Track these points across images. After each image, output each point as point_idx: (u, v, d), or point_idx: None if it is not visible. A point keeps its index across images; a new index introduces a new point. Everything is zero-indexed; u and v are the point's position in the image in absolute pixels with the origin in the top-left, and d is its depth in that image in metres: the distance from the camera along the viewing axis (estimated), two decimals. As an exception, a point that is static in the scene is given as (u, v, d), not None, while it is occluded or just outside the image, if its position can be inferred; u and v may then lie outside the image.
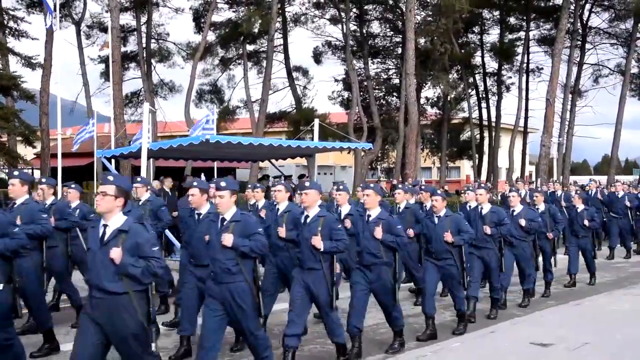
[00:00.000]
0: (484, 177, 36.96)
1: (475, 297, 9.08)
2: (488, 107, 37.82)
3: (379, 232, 7.09)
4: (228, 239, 5.65)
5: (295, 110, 32.88)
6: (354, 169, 32.72)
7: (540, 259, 10.90)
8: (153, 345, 5.19)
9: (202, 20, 30.98)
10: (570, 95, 34.66)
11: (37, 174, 31.37)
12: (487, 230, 9.06)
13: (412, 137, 27.02)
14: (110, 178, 5.08)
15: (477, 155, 37.20)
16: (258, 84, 31.76)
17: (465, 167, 47.81)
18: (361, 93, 33.37)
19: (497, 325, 8.59)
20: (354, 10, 33.39)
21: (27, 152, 28.33)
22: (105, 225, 4.96)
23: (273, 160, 18.00)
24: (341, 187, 8.73)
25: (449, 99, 34.92)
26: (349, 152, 30.15)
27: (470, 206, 9.67)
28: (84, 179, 31.24)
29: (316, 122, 16.44)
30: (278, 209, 8.00)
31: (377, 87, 36.01)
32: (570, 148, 35.68)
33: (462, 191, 17.12)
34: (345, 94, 35.39)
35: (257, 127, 29.21)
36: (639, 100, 37.06)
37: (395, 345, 7.43)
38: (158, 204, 9.21)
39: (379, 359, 7.18)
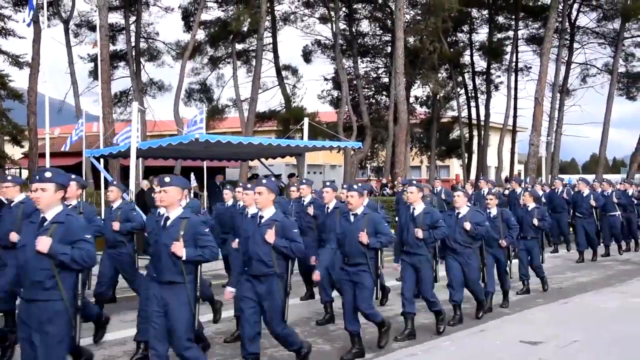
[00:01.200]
0: (473, 176, 37.07)
1: (412, 313, 8.01)
2: (477, 106, 37.94)
3: (270, 235, 6.20)
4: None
5: (284, 109, 32.84)
6: (344, 168, 32.71)
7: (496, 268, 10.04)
8: None
9: (192, 19, 30.88)
10: (558, 94, 34.79)
11: (24, 174, 31.19)
12: (419, 233, 8.04)
13: (402, 136, 27.06)
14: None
15: (466, 154, 37.30)
16: (247, 83, 31.73)
17: (455, 165, 47.93)
18: (350, 92, 33.37)
19: (487, 323, 8.62)
20: (344, 9, 33.37)
21: (14, 151, 28.15)
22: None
23: (263, 159, 18.00)
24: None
25: (438, 98, 34.96)
26: (338, 151, 30.17)
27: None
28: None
29: (306, 121, 16.46)
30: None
31: (366, 86, 36.03)
32: (558, 147, 35.82)
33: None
34: (335, 93, 35.37)
35: (246, 126, 29.16)
36: (626, 99, 37.25)
37: None
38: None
39: (367, 357, 7.18)
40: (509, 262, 10.22)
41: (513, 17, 35.30)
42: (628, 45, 35.84)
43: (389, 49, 34.61)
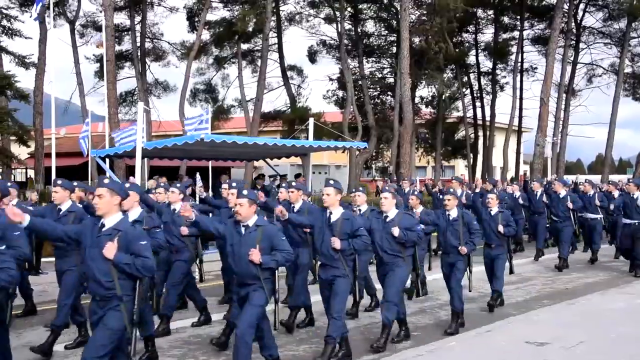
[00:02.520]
0: (478, 175, 37.00)
1: (332, 337, 6.88)
2: (482, 107, 37.88)
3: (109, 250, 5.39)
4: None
5: (289, 110, 32.85)
6: (349, 168, 32.70)
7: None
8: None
9: (197, 19, 30.90)
10: (564, 95, 34.72)
11: (30, 173, 31.28)
12: (336, 243, 6.90)
13: (407, 136, 27.04)
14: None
15: (471, 155, 37.23)
16: (252, 83, 31.73)
17: (460, 166, 47.83)
18: (356, 92, 33.34)
19: (493, 324, 8.60)
20: (349, 9, 33.36)
21: (21, 151, 28.22)
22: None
23: (268, 160, 18.01)
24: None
25: (443, 98, 34.91)
26: (343, 152, 30.14)
27: (360, 209, 8.65)
28: (78, 179, 31.26)
29: (311, 121, 16.46)
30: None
31: (371, 86, 35.99)
32: (564, 147, 35.74)
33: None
34: (340, 93, 35.34)
35: (251, 126, 29.19)
36: (632, 99, 37.12)
37: None
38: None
39: (373, 359, 7.17)
40: (468, 271, 8.81)
41: (518, 17, 35.24)
42: (634, 45, 35.80)
43: (394, 49, 34.57)
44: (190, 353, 7.46)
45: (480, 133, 38.25)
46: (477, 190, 16.54)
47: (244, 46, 32.42)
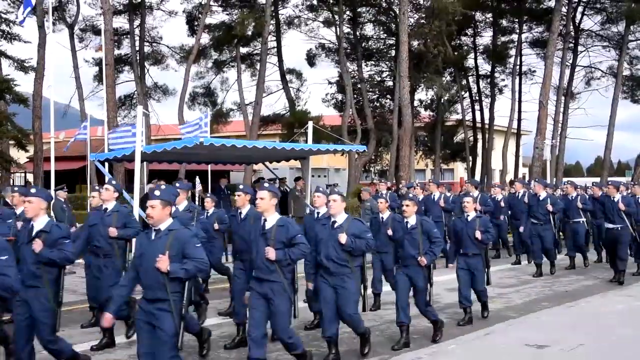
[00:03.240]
0: (477, 179, 37.02)
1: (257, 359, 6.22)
2: (481, 109, 37.89)
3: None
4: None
5: (289, 113, 32.86)
6: (348, 172, 32.73)
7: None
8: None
9: (196, 23, 30.95)
10: (562, 98, 34.74)
11: (30, 178, 31.26)
12: (270, 254, 6.15)
13: (406, 140, 27.05)
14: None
15: (470, 157, 37.26)
16: (252, 87, 31.75)
17: (459, 169, 47.88)
18: (355, 95, 33.38)
19: (493, 327, 8.61)
20: (348, 12, 33.40)
21: (20, 155, 28.24)
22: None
23: (267, 163, 17.99)
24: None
25: (442, 101, 34.93)
26: (342, 155, 30.14)
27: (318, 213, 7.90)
28: (77, 183, 31.28)
29: (310, 124, 16.43)
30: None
31: (370, 90, 36.03)
32: (563, 150, 35.75)
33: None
34: (339, 97, 35.38)
35: (250, 130, 29.20)
36: (631, 102, 37.15)
37: None
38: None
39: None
40: (429, 286, 7.95)
41: (517, 20, 35.28)
42: (633, 48, 35.80)
43: (393, 53, 34.62)
44: None
45: (480, 136, 38.27)
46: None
47: (243, 50, 32.46)
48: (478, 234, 8.97)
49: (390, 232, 8.95)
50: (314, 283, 7.21)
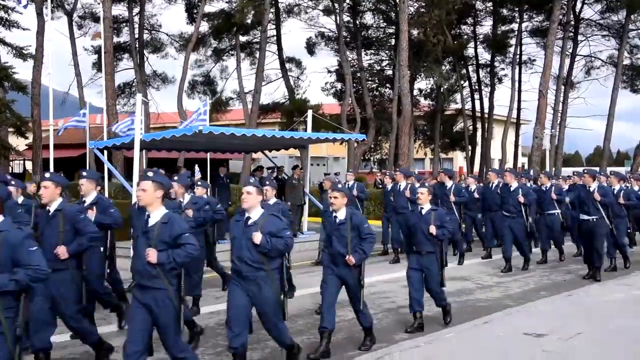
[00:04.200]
0: (477, 168, 37.04)
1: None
2: (481, 99, 37.89)
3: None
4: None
5: (288, 102, 32.84)
6: (347, 160, 32.74)
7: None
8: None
9: (195, 11, 30.89)
10: (562, 87, 34.74)
11: (28, 165, 31.25)
12: (151, 256, 5.22)
13: (405, 129, 27.04)
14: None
15: (469, 147, 37.28)
16: (251, 75, 31.77)
17: (458, 158, 47.93)
18: (354, 84, 33.36)
19: (491, 315, 8.61)
20: (348, 1, 33.33)
21: (19, 143, 28.21)
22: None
23: (266, 152, 17.98)
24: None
25: (442, 91, 34.93)
26: (342, 144, 30.17)
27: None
28: (77, 171, 31.27)
29: (309, 113, 16.41)
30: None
31: (370, 79, 36.00)
32: (562, 139, 35.78)
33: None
34: (339, 85, 35.37)
35: (250, 118, 29.19)
36: (631, 92, 37.16)
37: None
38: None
39: (372, 349, 7.19)
40: (361, 288, 7.02)
41: (517, 9, 35.22)
42: (633, 37, 35.77)
43: (392, 42, 34.56)
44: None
45: (479, 125, 38.29)
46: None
47: (243, 38, 32.42)
48: (432, 229, 7.94)
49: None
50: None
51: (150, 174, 5.56)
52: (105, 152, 15.35)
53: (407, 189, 13.59)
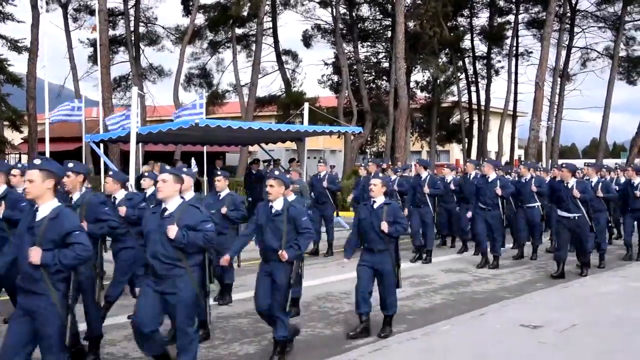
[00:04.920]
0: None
1: None
2: (477, 91, 37.89)
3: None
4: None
5: (284, 94, 32.78)
6: (344, 153, 32.72)
7: None
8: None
9: (191, 4, 30.74)
10: (559, 79, 34.74)
11: (24, 159, 31.18)
12: (34, 256, 4.55)
13: (402, 121, 27.03)
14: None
15: (466, 139, 37.28)
16: (247, 68, 31.70)
17: (455, 150, 47.89)
18: (351, 77, 33.28)
19: (487, 307, 8.64)
20: (344, -7, 33.22)
21: (14, 136, 28.13)
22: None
23: (263, 144, 17.99)
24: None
25: (438, 83, 34.89)
26: (338, 136, 30.13)
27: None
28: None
29: (306, 106, 16.41)
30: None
31: (366, 71, 35.92)
32: (559, 132, 35.81)
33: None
34: (335, 78, 35.27)
35: (246, 111, 29.14)
36: (627, 83, 37.14)
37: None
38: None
39: (367, 341, 7.20)
40: (289, 289, 6.36)
41: (514, 1, 35.17)
42: (629, 28, 35.75)
43: (389, 34, 34.47)
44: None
45: (475, 117, 38.29)
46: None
47: (239, 30, 32.31)
48: (384, 226, 7.14)
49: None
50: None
51: (37, 161, 4.69)
52: (102, 145, 15.34)
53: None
